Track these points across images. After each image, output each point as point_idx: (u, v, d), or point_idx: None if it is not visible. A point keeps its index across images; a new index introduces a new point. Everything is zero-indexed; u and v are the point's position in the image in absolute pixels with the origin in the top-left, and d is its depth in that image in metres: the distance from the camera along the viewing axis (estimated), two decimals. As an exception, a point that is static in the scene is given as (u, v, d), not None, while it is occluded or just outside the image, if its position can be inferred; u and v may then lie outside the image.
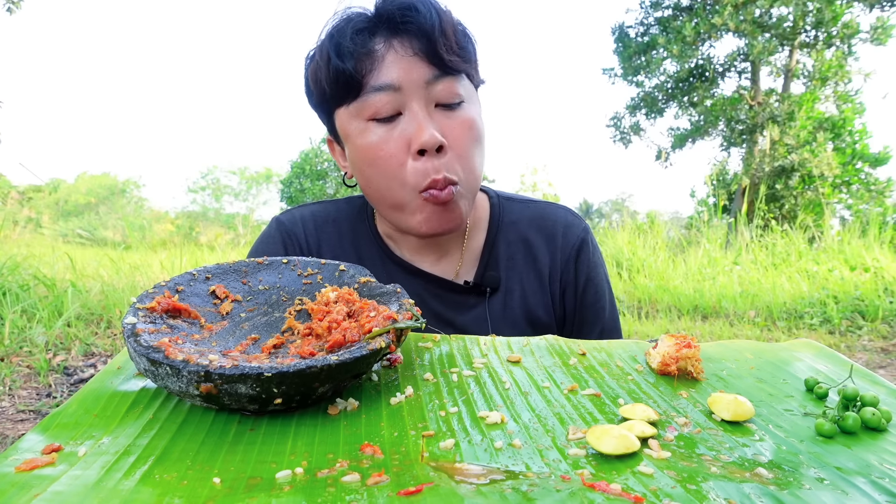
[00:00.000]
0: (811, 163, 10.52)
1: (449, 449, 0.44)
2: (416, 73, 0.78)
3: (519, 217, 0.97)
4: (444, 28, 0.78)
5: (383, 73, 0.77)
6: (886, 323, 3.82)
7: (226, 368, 0.45)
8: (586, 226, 0.99)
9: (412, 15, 0.77)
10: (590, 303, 0.96)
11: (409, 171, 0.78)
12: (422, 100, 0.78)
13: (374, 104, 0.78)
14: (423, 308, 0.90)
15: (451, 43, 0.78)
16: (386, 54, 0.78)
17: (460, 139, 0.80)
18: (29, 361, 2.78)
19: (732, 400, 0.50)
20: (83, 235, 9.15)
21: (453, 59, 0.79)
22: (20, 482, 0.37)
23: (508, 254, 0.94)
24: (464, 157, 0.81)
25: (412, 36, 0.78)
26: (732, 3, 10.55)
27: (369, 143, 0.80)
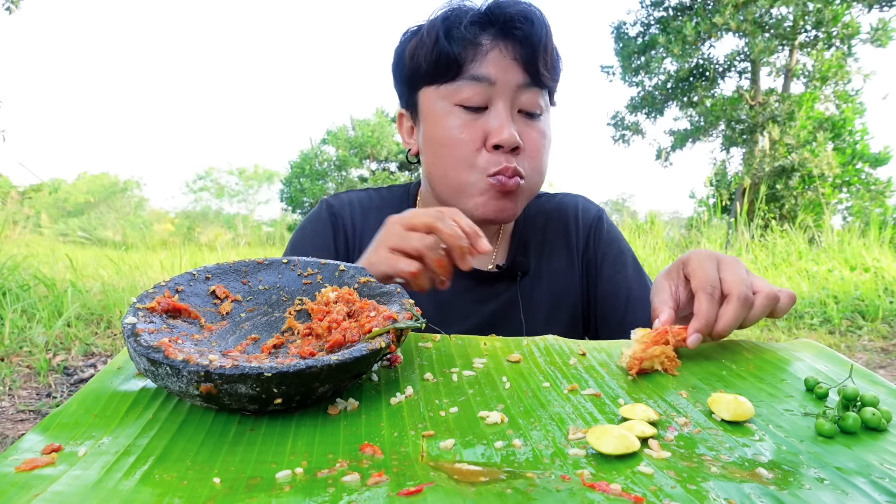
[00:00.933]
0: (811, 163, 10.52)
1: (449, 449, 0.44)
2: (511, 76, 0.84)
3: (540, 210, 1.05)
4: (547, 44, 0.85)
5: (483, 65, 0.84)
6: (886, 323, 3.82)
7: (226, 368, 0.45)
8: (601, 208, 1.07)
9: (526, 24, 0.84)
10: (609, 275, 1.01)
11: (482, 158, 0.85)
12: (509, 101, 0.85)
13: (466, 91, 0.84)
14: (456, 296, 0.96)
15: (548, 59, 0.86)
16: (490, 50, 0.84)
17: (535, 145, 0.87)
18: (29, 361, 2.78)
19: (732, 400, 0.50)
20: (83, 235, 9.15)
21: (545, 74, 0.86)
22: (20, 482, 0.37)
23: (536, 242, 1.02)
24: (535, 161, 0.87)
25: (518, 42, 0.84)
26: (733, 3, 10.54)
27: (451, 125, 0.85)
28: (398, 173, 17.67)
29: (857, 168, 11.14)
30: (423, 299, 0.93)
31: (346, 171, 16.44)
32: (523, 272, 0.97)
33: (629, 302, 0.98)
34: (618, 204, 27.52)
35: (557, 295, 0.99)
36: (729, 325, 0.63)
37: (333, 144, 16.62)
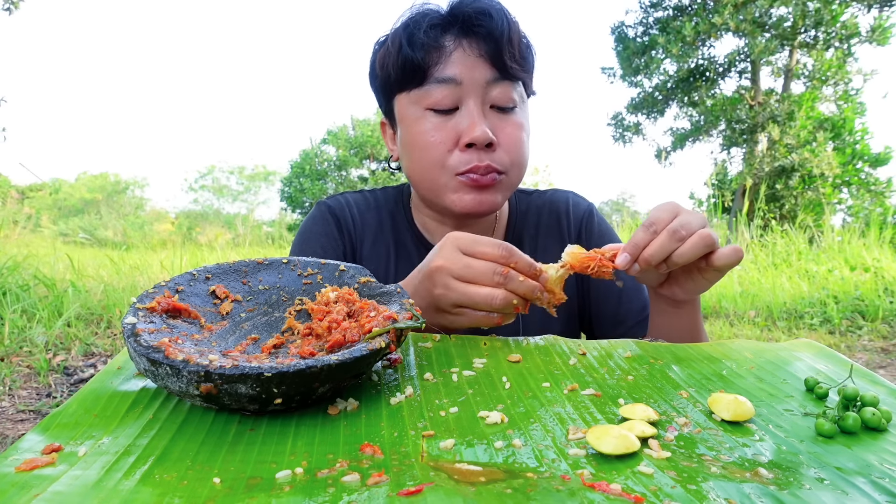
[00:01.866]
0: (811, 163, 10.51)
1: (449, 449, 0.44)
2: (478, 73, 0.84)
3: (532, 207, 1.06)
4: (511, 36, 0.84)
5: (448, 67, 0.84)
6: (886, 323, 3.82)
7: (226, 368, 0.45)
8: (591, 203, 1.09)
9: (485, 20, 0.84)
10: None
11: (454, 158, 0.85)
12: (479, 98, 0.85)
13: (435, 95, 0.85)
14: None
15: (514, 51, 0.85)
16: (454, 51, 0.84)
17: (511, 138, 0.86)
18: (29, 361, 2.78)
19: (732, 400, 0.50)
20: (84, 237, 9.16)
21: (514, 66, 0.85)
22: (20, 482, 0.37)
23: (529, 237, 1.03)
24: (513, 154, 0.87)
25: (481, 38, 0.84)
26: (732, 3, 10.54)
27: (423, 129, 0.86)
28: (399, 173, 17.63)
29: (857, 168, 11.14)
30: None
31: (346, 171, 16.45)
32: None
33: (622, 293, 0.99)
34: (618, 204, 27.51)
35: None
36: (653, 253, 0.69)
37: (334, 144, 16.62)
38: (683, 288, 0.79)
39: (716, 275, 0.76)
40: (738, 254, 0.74)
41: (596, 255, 0.71)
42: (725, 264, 0.73)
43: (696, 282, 0.78)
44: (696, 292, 0.79)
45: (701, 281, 0.77)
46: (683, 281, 0.79)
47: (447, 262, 0.68)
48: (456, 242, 0.68)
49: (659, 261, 0.71)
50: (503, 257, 0.66)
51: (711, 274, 0.76)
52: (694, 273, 0.78)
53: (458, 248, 0.68)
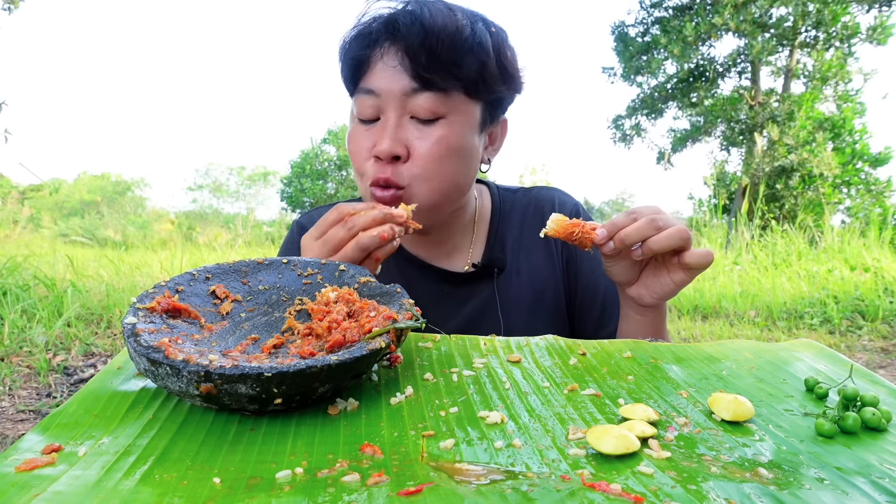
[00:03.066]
0: (811, 163, 10.52)
1: (449, 449, 0.44)
2: (396, 84, 0.82)
3: (517, 205, 1.04)
4: (428, 43, 0.79)
5: (369, 78, 0.83)
6: (886, 323, 3.82)
7: (226, 368, 0.45)
8: (577, 201, 1.07)
9: (402, 27, 0.80)
10: (586, 271, 1.02)
11: (368, 168, 0.85)
12: (397, 109, 0.82)
13: (360, 105, 0.85)
14: (434, 301, 0.96)
15: (436, 59, 0.79)
16: (377, 62, 0.83)
17: (426, 154, 0.82)
18: (29, 361, 2.78)
19: (732, 400, 0.50)
20: (84, 238, 9.16)
21: (432, 76, 0.80)
22: (20, 482, 0.37)
23: (512, 237, 1.01)
24: (426, 171, 0.83)
25: (400, 47, 0.81)
26: (732, 3, 10.54)
27: (350, 136, 0.88)
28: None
29: (857, 168, 11.14)
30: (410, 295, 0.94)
31: (346, 171, 16.45)
32: (499, 269, 0.97)
33: (605, 299, 0.99)
34: (618, 204, 27.52)
35: (539, 291, 0.99)
36: (629, 233, 0.73)
37: (334, 144, 16.62)
38: (650, 290, 0.80)
39: (684, 277, 0.77)
40: (709, 256, 0.75)
41: (578, 223, 0.75)
42: (696, 263, 0.75)
43: (663, 284, 0.79)
44: (662, 296, 0.80)
45: (668, 282, 0.79)
46: (651, 282, 0.80)
47: (314, 253, 0.75)
48: (307, 236, 0.77)
49: (633, 242, 0.74)
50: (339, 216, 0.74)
51: (680, 275, 0.77)
52: (662, 273, 0.79)
53: (311, 236, 0.76)
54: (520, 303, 0.97)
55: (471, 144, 0.86)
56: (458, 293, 0.97)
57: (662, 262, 0.80)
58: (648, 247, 0.73)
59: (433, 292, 0.97)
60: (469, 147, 0.86)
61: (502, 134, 0.96)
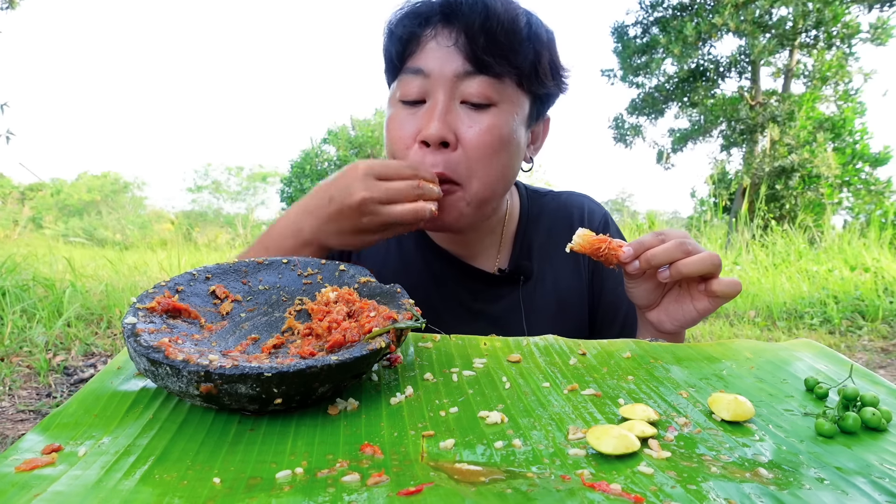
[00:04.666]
0: (811, 163, 10.52)
1: (449, 449, 0.44)
2: (448, 65, 0.78)
3: (545, 209, 1.01)
4: (488, 25, 0.76)
5: (419, 58, 0.79)
6: (886, 323, 3.82)
7: (226, 368, 0.45)
8: (606, 211, 1.04)
9: (463, 8, 0.77)
10: (611, 287, 0.99)
11: (410, 155, 0.79)
12: (448, 92, 0.78)
13: (404, 86, 0.80)
14: (455, 295, 0.93)
15: (494, 41, 0.76)
16: (429, 42, 0.79)
17: (476, 142, 0.78)
18: (29, 361, 2.78)
19: (732, 400, 0.50)
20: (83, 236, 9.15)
21: (489, 59, 0.77)
22: (20, 482, 0.37)
23: (539, 244, 0.98)
24: (476, 161, 0.78)
25: (457, 28, 0.78)
26: (732, 3, 10.54)
27: (390, 120, 0.83)
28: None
29: (857, 168, 11.14)
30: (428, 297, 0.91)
31: (346, 172, 16.42)
32: (526, 277, 0.94)
33: (626, 319, 0.97)
34: (618, 203, 27.51)
35: (563, 300, 0.96)
36: (657, 253, 0.72)
37: (334, 144, 16.62)
38: (671, 316, 0.78)
39: (708, 306, 0.75)
40: (737, 286, 0.73)
41: (605, 239, 0.74)
42: (724, 292, 0.73)
43: (685, 311, 0.77)
44: (683, 323, 0.78)
45: (690, 310, 0.76)
46: (673, 309, 0.78)
47: (370, 192, 0.71)
48: (369, 171, 0.72)
49: (661, 263, 0.72)
50: (414, 174, 0.73)
51: (704, 303, 0.75)
52: (686, 300, 0.77)
53: (374, 175, 0.72)
54: (544, 312, 0.95)
55: (519, 137, 0.83)
56: (486, 291, 0.94)
57: (687, 288, 0.77)
58: (678, 269, 0.71)
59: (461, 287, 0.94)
60: (518, 139, 0.83)
61: (544, 133, 0.93)
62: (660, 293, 0.79)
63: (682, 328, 0.79)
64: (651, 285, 0.78)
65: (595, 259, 0.75)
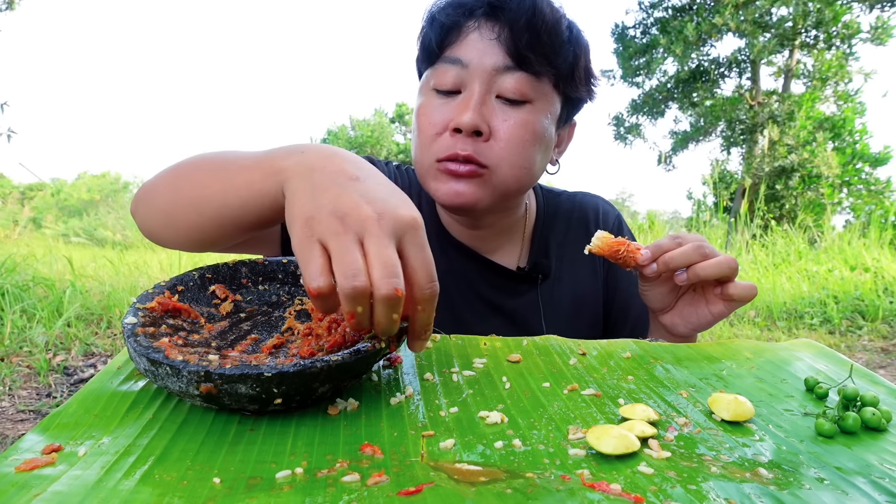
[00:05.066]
0: (811, 163, 10.52)
1: (449, 449, 0.44)
2: (488, 58, 0.78)
3: (561, 209, 1.01)
4: (534, 23, 0.77)
5: (460, 48, 0.79)
6: (886, 323, 3.81)
7: (226, 368, 0.45)
8: (619, 213, 1.05)
9: (506, 2, 0.78)
10: (623, 288, 0.99)
11: (439, 143, 0.80)
12: (484, 85, 0.78)
13: (440, 74, 0.80)
14: (474, 290, 0.93)
15: (538, 39, 0.77)
16: (471, 33, 0.79)
17: (508, 134, 0.79)
18: (29, 361, 2.78)
19: (732, 400, 0.50)
20: (83, 236, 9.15)
21: (531, 56, 0.77)
22: (20, 482, 0.37)
23: (557, 243, 0.98)
24: (507, 151, 0.79)
25: (501, 22, 0.78)
26: (733, 3, 10.54)
27: (422, 107, 0.83)
28: (398, 173, 17.53)
29: (857, 168, 11.14)
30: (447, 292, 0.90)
31: (346, 172, 16.39)
32: (544, 275, 0.94)
33: (637, 321, 0.97)
34: (618, 203, 27.51)
35: (579, 299, 0.97)
36: (675, 256, 0.72)
37: (333, 144, 16.66)
38: (686, 319, 0.78)
39: (723, 309, 0.76)
40: (752, 290, 0.74)
41: (624, 241, 0.74)
42: (740, 295, 0.73)
43: (700, 314, 0.77)
44: (696, 326, 0.78)
45: (705, 314, 0.77)
46: (688, 312, 0.78)
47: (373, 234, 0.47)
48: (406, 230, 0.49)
49: (678, 266, 0.72)
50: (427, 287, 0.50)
51: (719, 307, 0.76)
52: (700, 304, 0.77)
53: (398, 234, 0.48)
54: (561, 311, 0.95)
55: (550, 135, 0.84)
56: (502, 291, 0.94)
57: (702, 291, 0.78)
58: (695, 272, 0.72)
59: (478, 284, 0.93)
60: (549, 138, 0.83)
61: (569, 137, 0.94)
62: (674, 296, 0.80)
63: (696, 332, 0.79)
64: (666, 288, 0.79)
65: (613, 261, 0.75)
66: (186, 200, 0.65)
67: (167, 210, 0.67)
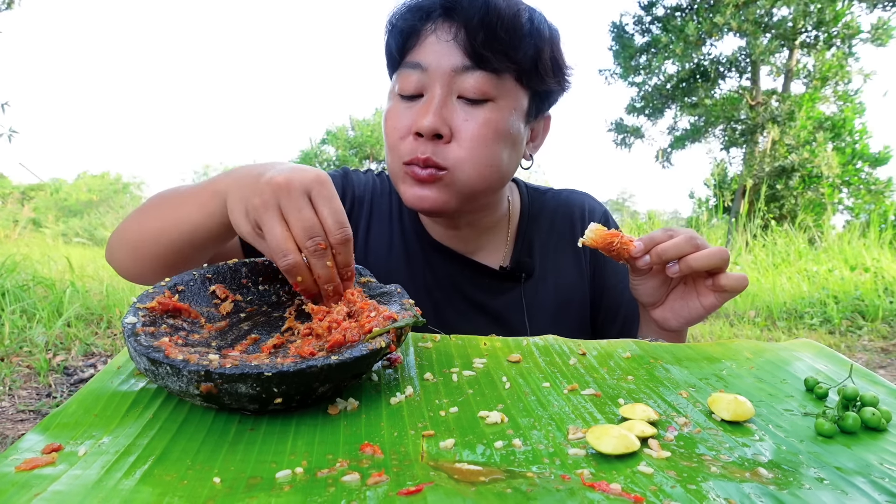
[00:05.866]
0: (811, 163, 10.51)
1: (449, 449, 0.44)
2: (446, 60, 0.78)
3: (546, 207, 1.01)
4: (488, 20, 0.76)
5: (418, 52, 0.80)
6: (886, 323, 3.81)
7: (226, 368, 0.45)
8: (606, 209, 1.04)
9: (459, 2, 0.77)
10: (612, 284, 0.99)
11: (403, 146, 0.80)
12: (445, 87, 0.78)
13: (402, 80, 0.81)
14: (457, 291, 0.93)
15: (494, 37, 0.76)
16: (428, 36, 0.79)
17: (469, 134, 0.78)
18: (29, 361, 2.78)
19: (732, 400, 0.50)
20: (83, 236, 9.15)
21: (488, 55, 0.76)
22: (20, 482, 0.37)
23: (541, 241, 0.98)
24: (468, 151, 0.79)
25: (457, 22, 0.78)
26: (734, 3, 10.54)
27: (388, 112, 0.83)
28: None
29: (857, 168, 11.14)
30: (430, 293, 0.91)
31: (346, 172, 16.43)
32: (527, 274, 0.94)
33: (626, 317, 0.97)
34: (618, 203, 27.50)
35: (564, 298, 0.96)
36: (667, 248, 0.73)
37: (333, 144, 16.63)
38: (677, 313, 0.79)
39: (714, 301, 0.76)
40: (744, 281, 0.74)
41: (617, 234, 0.74)
42: (732, 286, 0.74)
43: (691, 307, 0.77)
44: (688, 320, 0.78)
45: (696, 306, 0.77)
46: (679, 306, 0.79)
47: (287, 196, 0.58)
48: (317, 184, 0.59)
49: (671, 258, 0.73)
50: (337, 233, 0.58)
51: (710, 299, 0.76)
52: (692, 296, 0.78)
53: (307, 191, 0.59)
54: (545, 310, 0.95)
55: (517, 132, 0.83)
56: (485, 290, 0.94)
57: (693, 284, 0.78)
58: (687, 263, 0.72)
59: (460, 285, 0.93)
60: (515, 134, 0.83)
61: (544, 131, 0.93)
62: (665, 290, 0.80)
63: (687, 325, 0.80)
64: (657, 282, 0.79)
65: (606, 254, 0.75)
66: (149, 233, 0.75)
67: (134, 244, 0.77)
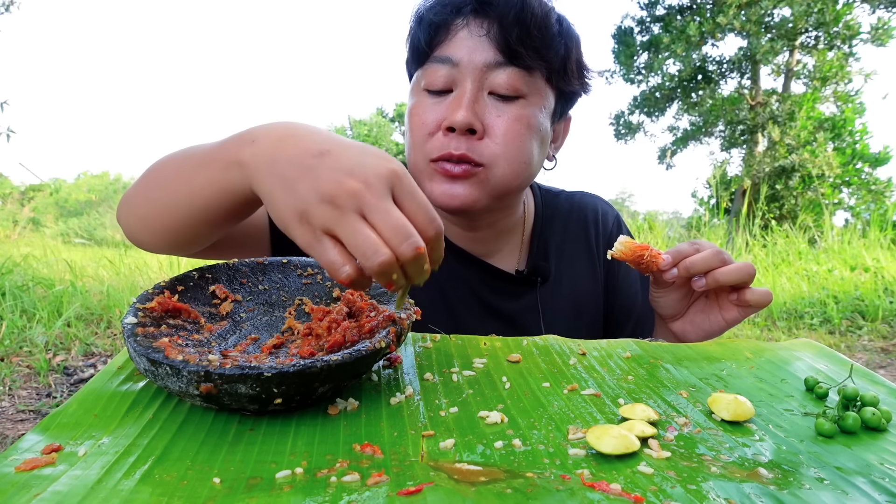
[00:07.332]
0: (811, 163, 10.52)
1: (449, 449, 0.44)
2: (478, 55, 0.77)
3: (559, 209, 1.00)
4: (523, 17, 0.76)
5: (449, 47, 0.78)
6: (886, 323, 3.81)
7: (226, 368, 0.45)
8: (617, 213, 1.04)
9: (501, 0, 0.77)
10: (623, 287, 0.99)
11: (432, 142, 0.79)
12: (476, 82, 0.77)
13: (431, 74, 0.79)
14: (472, 294, 0.92)
15: (528, 34, 0.76)
16: (460, 31, 0.78)
17: (503, 129, 0.78)
18: (29, 361, 2.78)
19: (732, 400, 0.50)
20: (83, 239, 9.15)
21: (521, 51, 0.76)
22: (20, 482, 0.37)
23: (556, 244, 0.97)
24: (503, 147, 0.78)
25: (490, 18, 0.77)
26: (736, 3, 10.54)
27: (413, 108, 0.81)
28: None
29: (857, 168, 11.14)
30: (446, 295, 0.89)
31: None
32: (543, 278, 0.93)
33: (637, 322, 0.97)
34: (618, 203, 27.51)
35: (579, 301, 0.95)
36: (695, 261, 0.72)
37: (333, 144, 16.63)
38: (697, 326, 0.78)
39: (737, 316, 0.75)
40: (768, 296, 0.74)
41: (647, 246, 0.74)
42: (756, 301, 0.73)
43: (712, 321, 0.77)
44: (708, 333, 0.78)
45: (718, 320, 0.76)
46: (700, 319, 0.78)
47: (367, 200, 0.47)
48: (393, 181, 0.49)
49: (699, 271, 0.72)
50: (430, 230, 0.49)
51: (733, 313, 0.75)
52: (713, 310, 0.77)
53: (391, 186, 0.49)
54: (560, 313, 0.94)
55: (545, 130, 0.83)
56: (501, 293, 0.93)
57: (714, 298, 0.77)
58: (715, 278, 0.72)
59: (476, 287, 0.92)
60: (544, 133, 0.82)
61: (565, 132, 0.93)
62: (686, 303, 0.79)
63: (707, 338, 0.79)
64: (679, 294, 0.78)
65: (635, 267, 0.75)
66: (158, 204, 0.66)
67: (143, 215, 0.69)
